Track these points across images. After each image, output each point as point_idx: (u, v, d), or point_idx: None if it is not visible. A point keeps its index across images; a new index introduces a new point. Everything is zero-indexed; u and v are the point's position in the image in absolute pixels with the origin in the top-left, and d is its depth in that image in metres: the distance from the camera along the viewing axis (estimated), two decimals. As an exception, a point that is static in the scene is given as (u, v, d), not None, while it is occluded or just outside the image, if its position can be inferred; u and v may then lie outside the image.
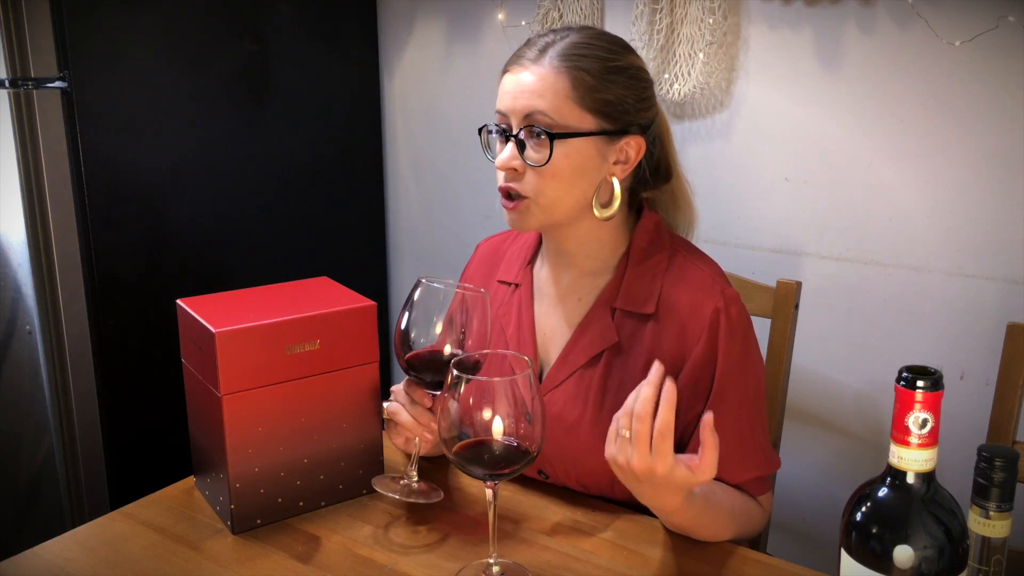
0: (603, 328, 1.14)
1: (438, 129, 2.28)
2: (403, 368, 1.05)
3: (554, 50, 1.08)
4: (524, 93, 1.07)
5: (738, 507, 1.09)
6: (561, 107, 1.06)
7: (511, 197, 1.10)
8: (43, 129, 1.68)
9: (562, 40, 1.09)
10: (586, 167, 1.09)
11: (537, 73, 1.07)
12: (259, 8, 2.01)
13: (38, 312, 1.73)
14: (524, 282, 1.23)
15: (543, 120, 1.06)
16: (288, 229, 2.14)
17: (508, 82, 1.10)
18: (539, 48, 1.09)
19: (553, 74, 1.06)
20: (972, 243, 1.58)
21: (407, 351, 1.04)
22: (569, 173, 1.08)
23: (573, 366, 1.14)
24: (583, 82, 1.06)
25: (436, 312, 1.04)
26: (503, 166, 1.09)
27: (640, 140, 1.11)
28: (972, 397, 1.60)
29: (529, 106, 1.06)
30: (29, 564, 1.01)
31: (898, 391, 0.71)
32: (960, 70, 1.54)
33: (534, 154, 1.07)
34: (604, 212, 1.11)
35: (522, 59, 1.09)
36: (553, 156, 1.06)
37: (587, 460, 1.12)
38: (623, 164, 1.11)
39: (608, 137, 1.09)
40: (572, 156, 1.07)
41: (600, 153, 1.09)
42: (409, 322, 1.03)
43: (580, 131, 1.07)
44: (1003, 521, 0.76)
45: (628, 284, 1.14)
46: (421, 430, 1.06)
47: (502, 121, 1.11)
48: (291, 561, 1.01)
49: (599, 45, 1.09)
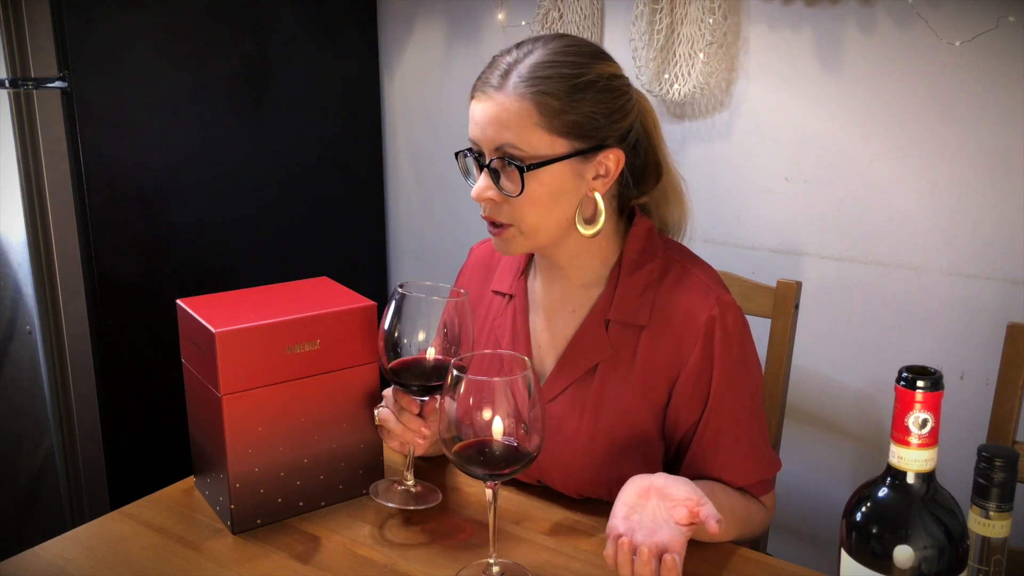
0: (597, 340, 1.12)
1: (438, 129, 2.28)
2: (388, 376, 1.05)
3: (516, 74, 1.03)
4: (490, 125, 1.03)
5: (740, 508, 1.09)
6: (529, 136, 1.02)
7: (495, 224, 1.09)
8: (43, 129, 1.68)
9: (525, 58, 1.04)
10: (563, 189, 1.06)
11: (501, 103, 1.02)
12: (259, 8, 2.01)
13: (38, 312, 1.73)
14: (518, 293, 1.21)
15: (513, 152, 1.03)
16: (288, 229, 2.14)
17: (475, 110, 1.06)
18: (501, 72, 1.04)
19: (517, 102, 1.02)
20: (972, 243, 1.58)
21: (391, 359, 1.04)
22: (547, 199, 1.05)
23: (568, 379, 1.13)
24: (548, 107, 1.02)
25: (417, 319, 1.03)
26: (478, 198, 1.07)
27: (618, 152, 1.07)
28: (972, 397, 1.60)
29: (497, 138, 1.03)
30: (29, 564, 1.01)
31: (898, 391, 0.71)
32: (960, 70, 1.54)
33: (509, 184, 1.05)
34: (589, 229, 1.08)
35: (486, 86, 1.05)
36: (527, 186, 1.03)
37: (584, 471, 1.12)
38: (603, 178, 1.08)
39: (583, 156, 1.05)
40: (547, 182, 1.04)
41: (576, 173, 1.06)
42: (390, 330, 1.03)
43: (552, 157, 1.03)
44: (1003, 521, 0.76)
45: (621, 295, 1.12)
46: (412, 436, 1.06)
47: (475, 147, 1.08)
48: (291, 561, 1.01)
49: (563, 61, 1.04)
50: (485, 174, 1.06)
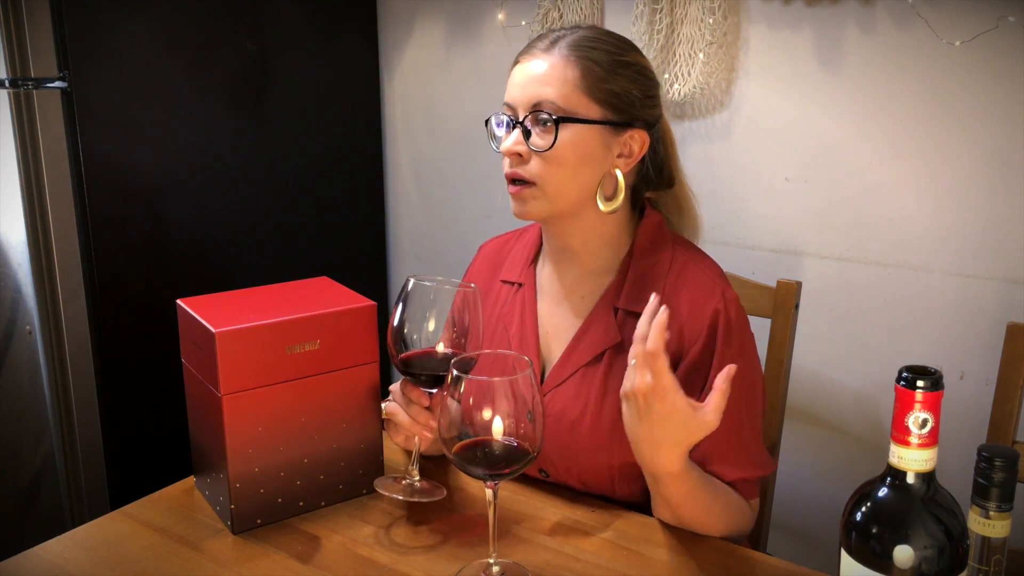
0: (606, 327, 1.14)
1: (438, 129, 2.28)
2: (397, 368, 1.05)
3: (565, 42, 1.11)
4: (533, 82, 1.10)
5: (732, 501, 1.09)
6: (569, 95, 1.08)
7: (517, 181, 1.11)
8: (43, 129, 1.68)
9: (573, 34, 1.12)
10: (591, 156, 1.10)
11: (548, 61, 1.10)
12: (259, 8, 2.01)
13: (38, 312, 1.73)
14: (527, 281, 1.23)
15: (550, 107, 1.08)
16: (288, 229, 2.14)
17: (518, 73, 1.13)
18: (551, 40, 1.12)
19: (563, 63, 1.09)
20: (972, 243, 1.58)
21: (401, 351, 1.04)
22: (574, 160, 1.09)
23: (575, 365, 1.15)
24: (592, 72, 1.09)
25: (427, 310, 1.04)
26: (508, 151, 1.11)
27: (644, 135, 1.13)
28: (972, 397, 1.60)
29: (537, 94, 1.09)
30: (29, 564, 1.01)
31: (898, 391, 0.71)
32: (960, 70, 1.54)
33: (539, 140, 1.09)
34: (608, 205, 1.13)
35: (534, 49, 1.12)
36: (558, 142, 1.08)
37: (588, 458, 1.13)
38: (627, 158, 1.13)
39: (613, 128, 1.11)
40: (577, 144, 1.09)
41: (604, 144, 1.11)
42: (401, 321, 1.03)
43: (586, 118, 1.09)
44: (1003, 521, 0.76)
45: (631, 283, 1.14)
46: (420, 429, 1.07)
47: (509, 112, 1.13)
48: (291, 561, 1.01)
49: (608, 40, 1.13)
50: (518, 130, 1.11)
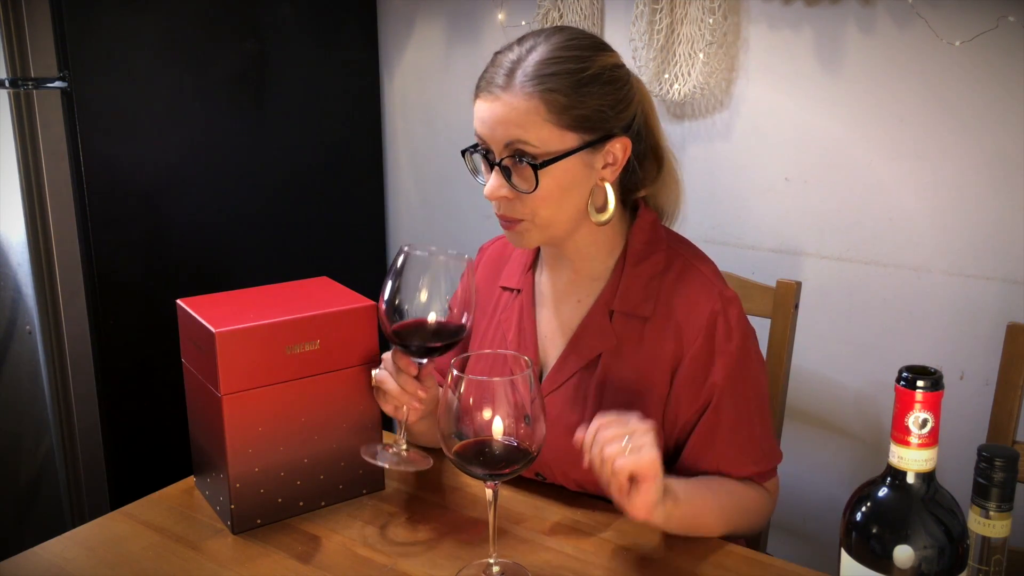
0: (601, 331, 1.14)
1: (438, 129, 2.28)
2: (389, 338, 1.04)
3: (521, 72, 1.03)
4: (499, 124, 1.04)
5: (734, 503, 1.09)
6: (540, 132, 1.03)
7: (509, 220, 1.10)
8: (43, 129, 1.68)
9: (528, 55, 1.05)
10: (575, 181, 1.07)
11: (508, 103, 1.03)
12: (259, 8, 2.01)
13: (38, 312, 1.73)
14: (525, 288, 1.23)
15: (524, 148, 1.04)
16: (288, 229, 2.14)
17: (481, 110, 1.06)
18: (506, 71, 1.05)
19: (524, 101, 1.03)
20: (972, 243, 1.58)
21: (393, 321, 1.03)
22: (559, 192, 1.06)
23: (572, 369, 1.14)
24: (556, 103, 1.03)
25: (420, 280, 1.03)
26: (492, 196, 1.08)
27: (625, 140, 1.09)
28: (972, 397, 1.60)
29: (507, 135, 1.04)
30: (29, 564, 1.01)
31: (898, 391, 0.71)
32: (960, 70, 1.54)
33: (521, 181, 1.06)
34: (600, 216, 1.10)
35: (491, 86, 1.05)
36: (540, 182, 1.04)
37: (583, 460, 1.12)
38: (612, 166, 1.10)
39: (592, 148, 1.07)
40: (559, 176, 1.05)
41: (587, 164, 1.08)
42: (394, 291, 1.02)
43: (563, 152, 1.04)
44: (1003, 521, 0.76)
45: (626, 286, 1.14)
46: (408, 398, 1.06)
47: (483, 144, 1.09)
48: (291, 561, 1.01)
49: (567, 56, 1.05)
50: (496, 172, 1.07)
